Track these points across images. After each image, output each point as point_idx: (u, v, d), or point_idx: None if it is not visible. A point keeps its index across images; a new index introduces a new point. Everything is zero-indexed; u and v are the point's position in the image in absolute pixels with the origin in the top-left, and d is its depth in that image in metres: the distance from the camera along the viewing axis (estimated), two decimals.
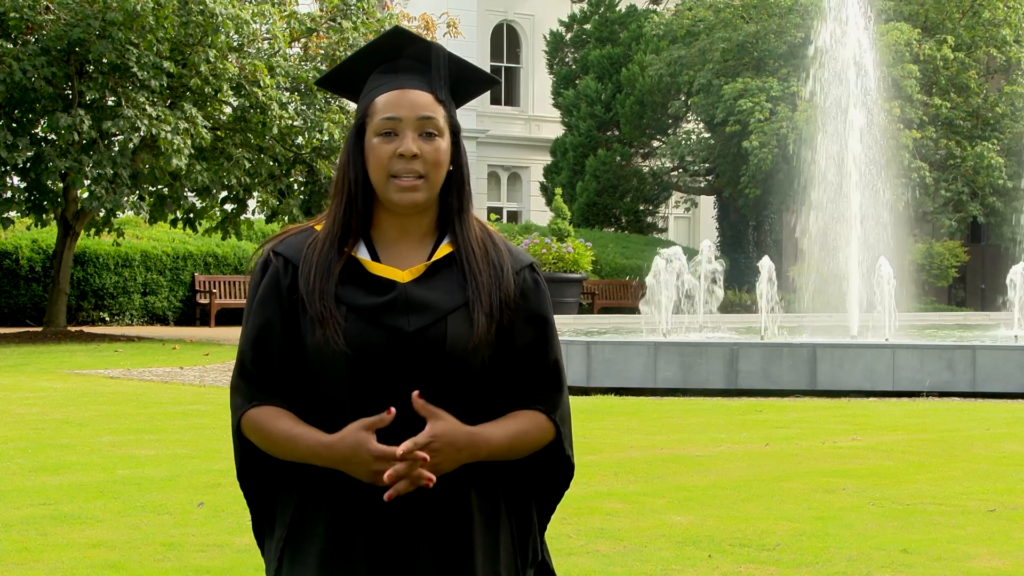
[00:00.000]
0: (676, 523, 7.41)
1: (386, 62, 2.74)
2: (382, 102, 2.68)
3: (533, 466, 2.79)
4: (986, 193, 35.22)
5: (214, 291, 29.11)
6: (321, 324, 2.63)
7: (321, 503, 2.66)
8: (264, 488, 2.77)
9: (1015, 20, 35.26)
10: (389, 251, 2.71)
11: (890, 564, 6.50)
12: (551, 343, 2.75)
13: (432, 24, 29.92)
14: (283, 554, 2.70)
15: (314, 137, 23.95)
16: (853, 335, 18.91)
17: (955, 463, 9.71)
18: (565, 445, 2.78)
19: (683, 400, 14.33)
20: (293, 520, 2.69)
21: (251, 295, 2.74)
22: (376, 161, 2.66)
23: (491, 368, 2.69)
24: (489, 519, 2.70)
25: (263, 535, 2.82)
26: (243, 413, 2.69)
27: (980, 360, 15.07)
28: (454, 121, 2.72)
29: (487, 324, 2.66)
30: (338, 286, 2.66)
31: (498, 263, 2.72)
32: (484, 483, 2.70)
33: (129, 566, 6.31)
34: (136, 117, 21.51)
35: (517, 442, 2.70)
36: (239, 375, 2.72)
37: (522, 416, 2.72)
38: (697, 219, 47.54)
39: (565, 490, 2.86)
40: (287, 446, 2.64)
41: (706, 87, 36.11)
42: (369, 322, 2.64)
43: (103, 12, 21.35)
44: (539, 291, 2.76)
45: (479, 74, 2.82)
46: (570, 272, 29.88)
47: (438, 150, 2.67)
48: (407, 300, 2.66)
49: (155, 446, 10.12)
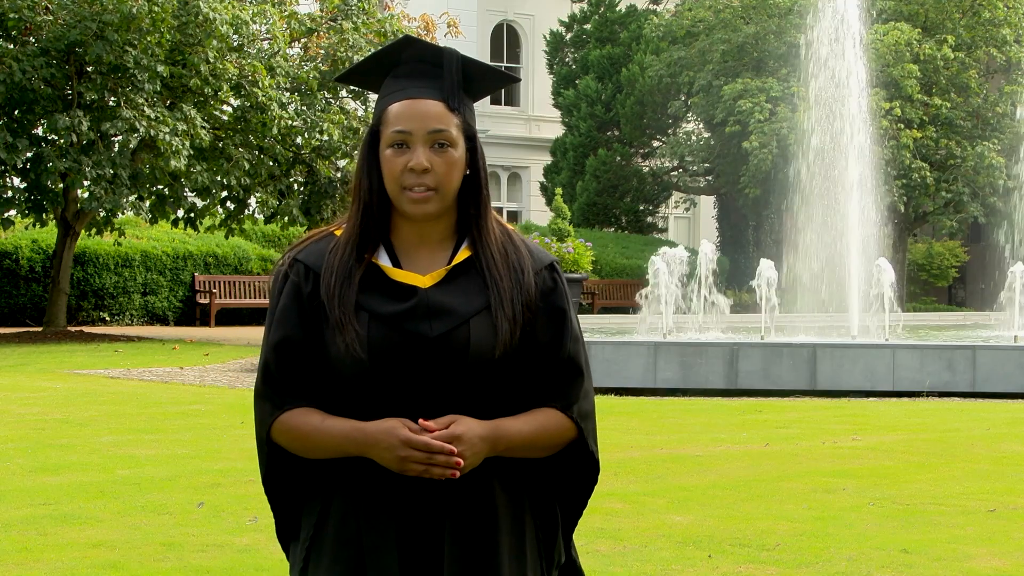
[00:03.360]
0: (676, 523, 7.41)
1: (399, 66, 2.73)
2: (394, 113, 2.68)
3: (558, 465, 2.78)
4: (986, 193, 35.20)
5: (214, 291, 29.11)
6: (341, 331, 2.63)
7: (348, 504, 2.67)
8: (291, 494, 2.78)
9: (1015, 20, 35.24)
10: (409, 256, 2.72)
11: (890, 564, 6.50)
12: (568, 338, 2.74)
13: (432, 24, 29.87)
14: (309, 554, 2.70)
15: (314, 137, 23.93)
16: (853, 335, 18.90)
17: (955, 463, 9.71)
18: (589, 442, 2.76)
19: (683, 400, 14.33)
20: (319, 522, 2.70)
21: (272, 303, 2.75)
22: (389, 173, 2.67)
23: (513, 369, 2.69)
24: (515, 520, 2.70)
25: (288, 540, 2.83)
26: (274, 419, 2.69)
27: (980, 360, 15.06)
28: (469, 127, 2.71)
29: (511, 330, 2.66)
30: (359, 293, 2.66)
31: (519, 266, 2.72)
32: (509, 484, 2.70)
33: (129, 566, 6.31)
34: (135, 118, 21.50)
35: (538, 437, 2.69)
36: (264, 382, 2.72)
37: (542, 413, 2.71)
38: (697, 219, 47.54)
39: (592, 489, 2.84)
40: (320, 438, 2.65)
41: (706, 87, 36.10)
42: (391, 328, 2.64)
43: (100, 14, 21.35)
44: (558, 290, 2.75)
45: (495, 74, 2.81)
46: (570, 272, 29.86)
47: (449, 161, 2.66)
48: (428, 305, 2.66)
49: (155, 446, 10.12)
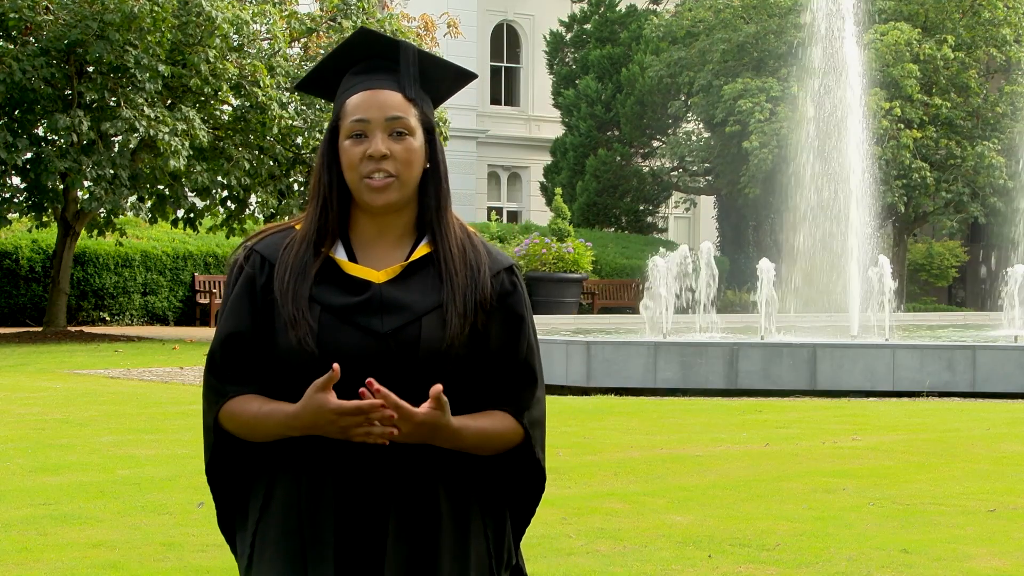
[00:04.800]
0: (676, 523, 7.40)
1: (356, 63, 2.74)
2: (352, 104, 2.69)
3: (504, 470, 2.77)
4: (986, 193, 35.19)
5: (214, 291, 29.11)
6: (293, 326, 2.63)
7: (291, 490, 2.66)
8: (236, 481, 2.77)
9: (1015, 20, 35.23)
10: (366, 252, 2.71)
11: (890, 564, 6.50)
12: (523, 343, 2.73)
13: (432, 24, 29.87)
14: (255, 542, 2.70)
15: (314, 137, 23.94)
16: (853, 335, 18.90)
17: (955, 463, 9.71)
18: (535, 449, 2.75)
19: (683, 400, 14.32)
20: (264, 505, 2.69)
21: (226, 292, 2.75)
22: (348, 163, 2.67)
23: (465, 369, 2.68)
24: (458, 520, 2.68)
25: (232, 529, 2.82)
26: (220, 407, 2.69)
27: (980, 360, 15.06)
28: (428, 119, 2.71)
29: (460, 325, 2.65)
30: (313, 286, 2.66)
31: (475, 264, 2.71)
32: (454, 485, 2.69)
33: (129, 566, 6.31)
34: (134, 118, 21.50)
35: (485, 436, 2.68)
36: (210, 371, 2.73)
37: (492, 414, 2.70)
38: (697, 219, 47.53)
39: (540, 496, 2.83)
40: (261, 426, 2.65)
41: (706, 87, 36.09)
42: (343, 322, 2.64)
43: (101, 13, 21.36)
44: (516, 293, 2.74)
45: (452, 69, 2.80)
46: (570, 272, 29.90)
47: (408, 149, 2.66)
48: (381, 300, 2.66)
49: (155, 446, 10.12)
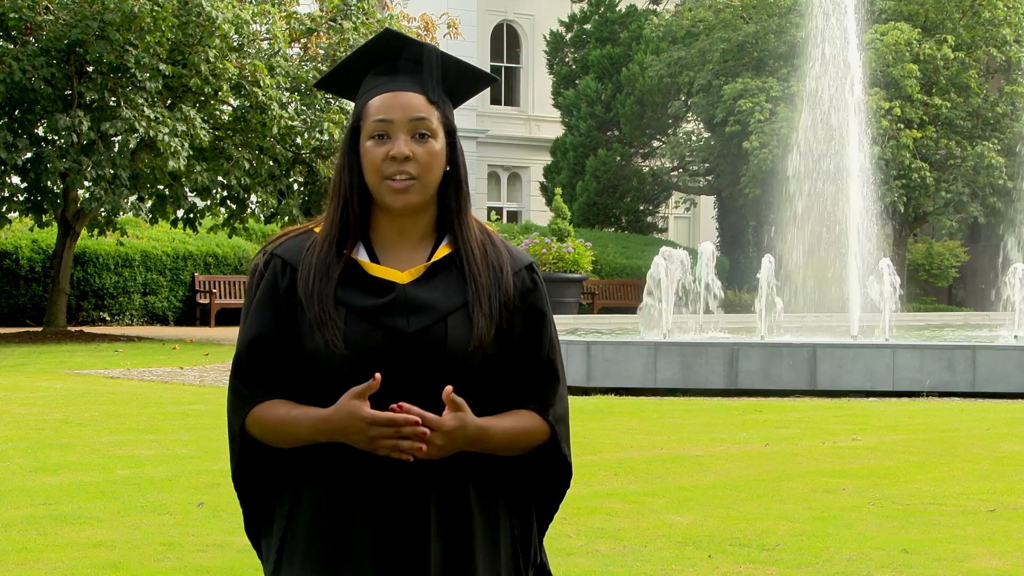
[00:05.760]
0: (676, 523, 7.41)
1: (379, 64, 2.74)
2: (375, 105, 2.69)
3: (531, 466, 2.78)
4: (986, 193, 35.18)
5: (214, 291, 29.11)
6: (320, 328, 2.63)
7: (320, 494, 2.66)
8: (262, 486, 2.77)
9: (1015, 20, 35.21)
10: (388, 253, 2.71)
11: (890, 564, 6.50)
12: (546, 340, 2.75)
13: (432, 24, 29.87)
14: (282, 546, 2.69)
15: (314, 137, 23.92)
16: (853, 335, 18.90)
17: (955, 463, 9.70)
18: (561, 445, 2.77)
19: (683, 400, 14.32)
20: (291, 511, 2.69)
21: (248, 297, 2.75)
22: (370, 164, 2.67)
23: (490, 368, 2.69)
24: (489, 519, 2.70)
25: (259, 534, 2.81)
26: (247, 413, 2.69)
27: (980, 360, 15.06)
28: (449, 122, 2.71)
29: (487, 326, 2.66)
30: (337, 288, 2.66)
31: (497, 264, 2.72)
32: (483, 482, 2.70)
33: (129, 566, 6.31)
34: (134, 118, 21.50)
35: (516, 438, 2.70)
36: (236, 376, 2.72)
37: (519, 414, 2.72)
38: (697, 219, 47.53)
39: (564, 492, 2.85)
40: (289, 430, 2.64)
41: (706, 87, 36.08)
42: (369, 323, 2.64)
43: (101, 13, 21.35)
44: (537, 290, 2.76)
45: (475, 72, 2.81)
46: (570, 272, 29.86)
47: (430, 151, 2.66)
48: (407, 301, 2.66)
49: (155, 446, 10.12)
